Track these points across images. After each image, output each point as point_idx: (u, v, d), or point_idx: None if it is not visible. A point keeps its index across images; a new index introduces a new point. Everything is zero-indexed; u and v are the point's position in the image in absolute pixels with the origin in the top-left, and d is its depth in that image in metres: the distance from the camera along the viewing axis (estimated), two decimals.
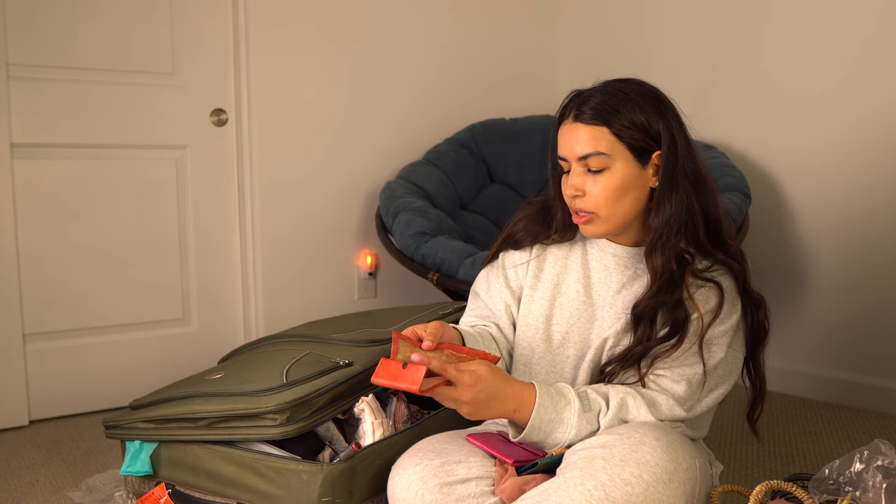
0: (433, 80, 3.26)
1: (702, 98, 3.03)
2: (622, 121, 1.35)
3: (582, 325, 1.45)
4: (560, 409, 1.30)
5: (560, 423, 1.30)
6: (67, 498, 1.99)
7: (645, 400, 1.32)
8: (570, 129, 1.37)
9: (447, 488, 1.29)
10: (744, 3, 2.89)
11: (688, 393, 1.35)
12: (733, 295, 1.40)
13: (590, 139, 1.35)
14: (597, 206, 1.37)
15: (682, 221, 1.37)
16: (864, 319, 2.63)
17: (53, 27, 2.59)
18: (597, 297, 1.45)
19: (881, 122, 2.55)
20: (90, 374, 2.70)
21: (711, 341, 1.37)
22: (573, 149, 1.36)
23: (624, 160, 1.36)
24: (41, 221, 2.62)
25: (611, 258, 1.46)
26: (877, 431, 2.39)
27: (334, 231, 3.08)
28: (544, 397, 1.30)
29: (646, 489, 1.17)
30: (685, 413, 1.34)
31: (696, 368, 1.36)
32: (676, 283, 1.36)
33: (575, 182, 1.37)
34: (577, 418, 1.29)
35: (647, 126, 1.36)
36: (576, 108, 1.37)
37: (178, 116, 2.81)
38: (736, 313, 1.40)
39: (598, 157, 1.35)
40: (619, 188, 1.35)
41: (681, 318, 1.34)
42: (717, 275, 1.39)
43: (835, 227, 2.69)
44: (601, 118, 1.34)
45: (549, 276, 1.50)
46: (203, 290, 2.90)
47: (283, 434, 1.54)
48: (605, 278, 1.45)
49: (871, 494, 1.18)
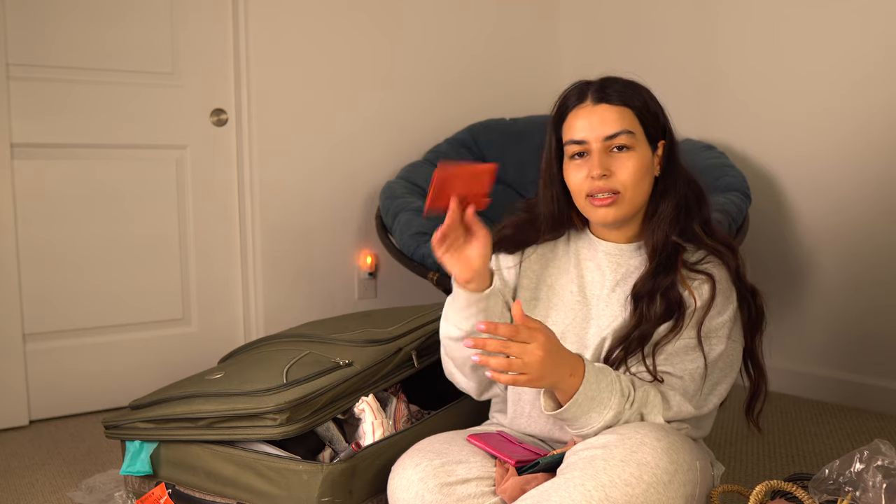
0: (433, 79, 3.26)
1: (702, 98, 3.03)
2: (644, 105, 1.41)
3: (577, 324, 1.45)
4: (602, 388, 1.29)
5: (600, 403, 1.29)
6: (67, 498, 1.99)
7: (661, 398, 1.33)
8: (591, 111, 1.39)
9: (447, 488, 1.29)
10: (744, 3, 2.89)
11: (693, 388, 1.36)
12: (727, 285, 1.41)
13: (618, 119, 1.38)
14: (624, 186, 1.38)
15: (680, 210, 1.42)
16: (864, 319, 2.63)
17: (53, 27, 2.59)
18: (591, 295, 1.46)
19: (881, 122, 2.55)
20: (90, 374, 2.70)
21: (710, 334, 1.38)
22: (599, 129, 1.38)
23: (643, 143, 1.41)
24: (41, 221, 2.61)
25: (602, 256, 1.47)
26: (877, 431, 2.39)
27: (334, 231, 3.08)
28: (591, 372, 1.29)
29: (646, 490, 1.17)
30: (694, 410, 1.35)
31: (698, 363, 1.37)
32: (672, 267, 1.39)
33: (603, 161, 1.37)
34: (617, 401, 1.29)
35: (658, 115, 1.43)
36: (597, 92, 1.40)
37: (178, 116, 2.81)
38: (732, 304, 1.41)
39: (627, 135, 1.38)
40: (642, 168, 1.39)
41: (676, 299, 1.37)
42: (710, 266, 1.41)
43: (835, 227, 2.68)
44: (627, 101, 1.40)
45: (542, 278, 1.51)
46: (203, 290, 2.90)
47: (283, 434, 1.54)
48: (599, 277, 1.46)
49: (871, 494, 1.18)
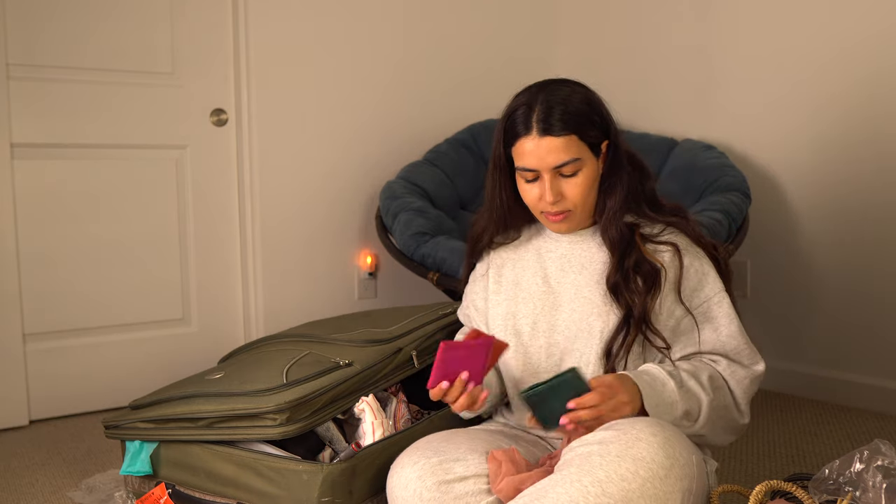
0: (434, 79, 3.25)
1: (702, 98, 3.03)
2: (585, 125, 1.43)
3: (547, 311, 1.50)
4: (659, 391, 1.37)
5: (664, 404, 1.37)
6: (67, 498, 1.99)
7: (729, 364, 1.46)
8: (538, 144, 1.42)
9: (445, 486, 1.29)
10: (744, 3, 2.89)
11: (742, 342, 1.47)
12: (692, 248, 1.49)
13: (563, 149, 1.41)
14: (575, 205, 1.46)
15: (628, 198, 1.48)
16: (863, 319, 2.63)
17: (53, 27, 2.59)
18: (557, 284, 1.52)
19: (882, 122, 2.55)
20: (90, 374, 2.70)
21: (711, 303, 1.46)
22: (545, 161, 1.42)
23: (588, 158, 1.45)
24: (41, 221, 2.61)
25: (566, 245, 1.53)
26: (877, 431, 2.39)
27: (334, 231, 3.08)
28: (644, 386, 1.36)
29: (642, 485, 1.18)
30: (761, 362, 1.48)
31: (722, 326, 1.46)
32: (632, 246, 1.45)
33: (555, 189, 1.43)
34: (678, 394, 1.38)
35: (598, 122, 1.46)
36: (541, 123, 1.42)
37: (178, 116, 2.81)
38: (705, 259, 1.49)
39: (573, 163, 1.42)
40: (590, 182, 1.45)
41: (649, 269, 1.43)
42: (671, 237, 1.48)
43: (835, 226, 2.69)
44: (570, 128, 1.42)
45: (508, 277, 1.58)
46: (203, 290, 2.90)
47: (283, 434, 1.54)
48: (564, 265, 1.52)
49: (871, 494, 1.18)
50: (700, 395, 1.40)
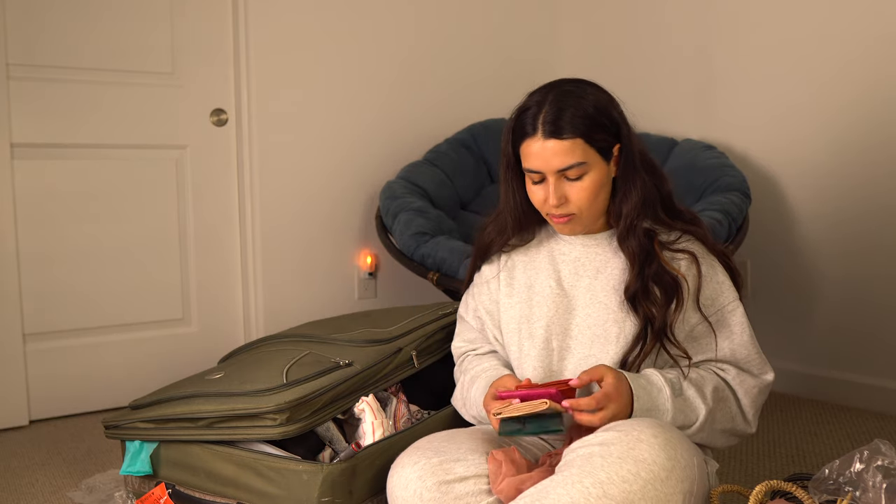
0: (433, 80, 3.26)
1: (702, 98, 3.03)
2: (593, 129, 1.41)
3: (560, 315, 1.49)
4: (654, 396, 1.37)
5: (656, 409, 1.37)
6: (67, 498, 1.99)
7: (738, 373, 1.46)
8: (543, 146, 1.41)
9: (445, 486, 1.29)
10: (744, 3, 2.89)
11: (754, 351, 1.47)
12: (708, 256, 1.49)
13: (568, 152, 1.40)
14: (579, 208, 1.45)
15: (644, 203, 1.46)
16: (864, 319, 2.63)
17: (53, 27, 2.59)
18: (570, 288, 1.51)
19: (881, 122, 2.55)
20: (90, 374, 2.70)
21: (725, 311, 1.46)
22: (550, 163, 1.41)
23: (596, 162, 1.43)
24: (41, 221, 2.61)
25: (580, 248, 1.52)
26: (877, 431, 2.39)
27: (334, 231, 3.08)
28: (639, 389, 1.36)
29: (643, 487, 1.18)
30: (770, 371, 1.49)
31: (734, 333, 1.47)
32: (652, 256, 1.44)
33: (559, 192, 1.43)
34: (672, 403, 1.37)
35: (608, 126, 1.44)
36: (548, 125, 1.40)
37: (178, 116, 2.81)
38: (719, 268, 1.49)
39: (578, 167, 1.41)
40: (597, 186, 1.44)
41: (669, 282, 1.42)
42: (688, 245, 1.47)
43: (835, 226, 2.68)
44: (576, 131, 1.40)
45: (521, 280, 1.56)
46: (203, 290, 2.90)
47: (282, 434, 1.54)
48: (577, 269, 1.51)
49: (871, 494, 1.18)
50: (699, 405, 1.40)
